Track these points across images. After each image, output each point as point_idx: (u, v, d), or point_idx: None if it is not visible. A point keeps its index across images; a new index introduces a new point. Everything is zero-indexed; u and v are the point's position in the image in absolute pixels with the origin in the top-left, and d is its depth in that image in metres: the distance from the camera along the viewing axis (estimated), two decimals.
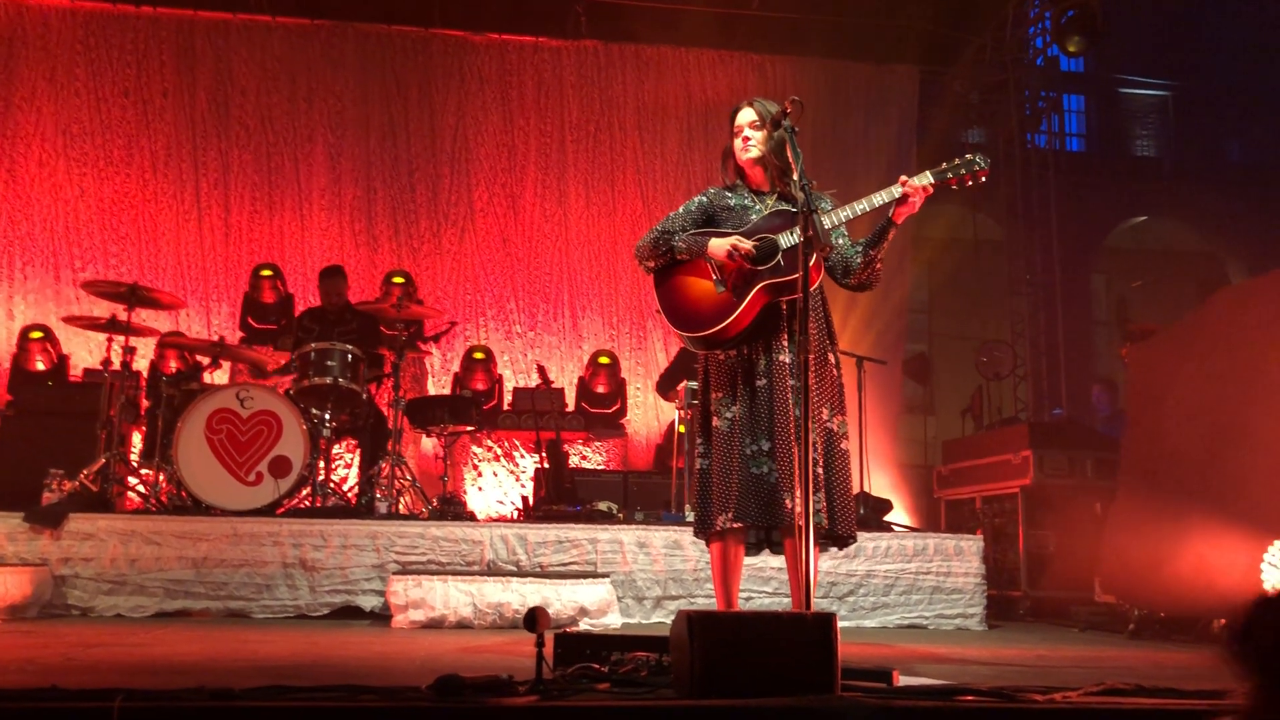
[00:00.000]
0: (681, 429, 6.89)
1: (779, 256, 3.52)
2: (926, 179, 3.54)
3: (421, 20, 9.96)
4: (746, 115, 3.73)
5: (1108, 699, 2.43)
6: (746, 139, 3.72)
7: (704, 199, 3.79)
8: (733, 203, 3.74)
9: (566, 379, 9.35)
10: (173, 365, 7.84)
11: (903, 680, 2.72)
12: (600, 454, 8.68)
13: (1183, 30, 14.43)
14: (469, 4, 9.90)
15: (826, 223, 3.54)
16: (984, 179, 3.60)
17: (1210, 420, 5.26)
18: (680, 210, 3.77)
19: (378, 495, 6.34)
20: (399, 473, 6.46)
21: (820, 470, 3.45)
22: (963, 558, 5.91)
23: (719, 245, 3.54)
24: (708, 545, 3.70)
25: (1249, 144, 14.97)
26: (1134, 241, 14.56)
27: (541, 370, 8.11)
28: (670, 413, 8.60)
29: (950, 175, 3.57)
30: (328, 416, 6.55)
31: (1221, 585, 4.75)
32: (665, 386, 8.13)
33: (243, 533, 5.43)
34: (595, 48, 10.25)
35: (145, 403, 7.31)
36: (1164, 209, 14.25)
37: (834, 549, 3.65)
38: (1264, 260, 11.10)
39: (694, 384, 3.97)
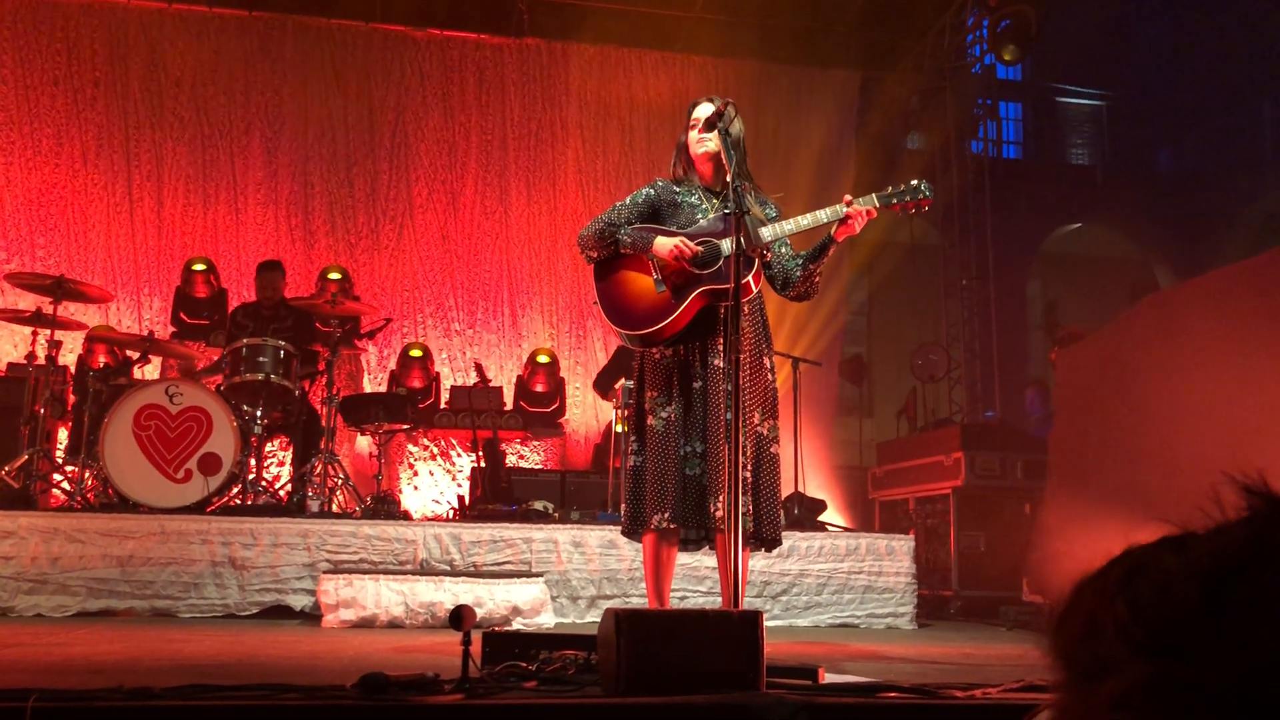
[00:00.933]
0: (619, 429, 6.88)
1: (720, 263, 3.51)
2: (871, 202, 3.56)
3: (363, 15, 9.84)
4: (705, 110, 3.68)
5: (1026, 695, 2.47)
6: (703, 133, 3.71)
7: (652, 191, 3.74)
8: (680, 199, 3.71)
9: (505, 377, 9.30)
10: (101, 360, 7.66)
11: (828, 677, 2.75)
12: (538, 453, 8.65)
13: (1117, 42, 14.75)
14: None
15: (768, 234, 3.54)
16: (927, 208, 3.65)
17: (1134, 423, 5.37)
18: (627, 201, 3.73)
19: (310, 493, 6.26)
20: (332, 471, 6.38)
21: (748, 474, 3.46)
22: (894, 557, 5.97)
23: (664, 244, 3.51)
24: (641, 543, 3.70)
25: (1178, 154, 15.35)
26: (1068, 247, 14.85)
27: (479, 368, 8.06)
28: (609, 412, 8.58)
29: (895, 201, 3.60)
30: (259, 413, 6.46)
31: None
32: (603, 385, 8.06)
33: (170, 531, 5.31)
34: (538, 46, 10.21)
35: (72, 398, 7.15)
36: (1097, 216, 14.56)
37: (762, 550, 3.68)
38: (1191, 266, 11.39)
39: (630, 383, 3.97)
